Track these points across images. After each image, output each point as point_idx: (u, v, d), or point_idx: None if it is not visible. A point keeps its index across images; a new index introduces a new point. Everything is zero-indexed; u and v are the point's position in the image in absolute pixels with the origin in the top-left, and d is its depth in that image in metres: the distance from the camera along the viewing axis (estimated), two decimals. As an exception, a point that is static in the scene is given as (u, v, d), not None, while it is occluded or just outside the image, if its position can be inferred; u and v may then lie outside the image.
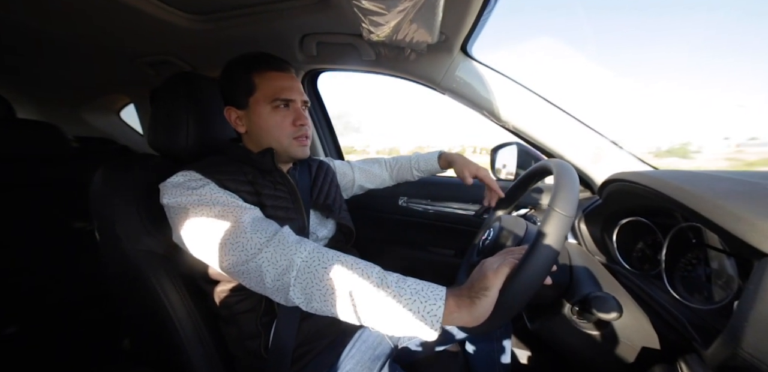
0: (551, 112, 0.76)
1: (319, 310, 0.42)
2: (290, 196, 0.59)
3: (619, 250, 0.58)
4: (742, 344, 0.26)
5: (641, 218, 0.54)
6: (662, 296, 0.42)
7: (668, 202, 0.37)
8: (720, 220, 0.30)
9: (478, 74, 0.77)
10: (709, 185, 0.35)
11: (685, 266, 0.43)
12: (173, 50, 0.89)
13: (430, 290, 0.38)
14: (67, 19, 0.69)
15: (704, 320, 0.35)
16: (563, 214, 0.35)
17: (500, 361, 0.75)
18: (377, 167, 0.88)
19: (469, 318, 0.36)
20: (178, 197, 0.48)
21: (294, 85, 0.58)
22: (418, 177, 0.87)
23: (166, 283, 0.53)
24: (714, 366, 0.29)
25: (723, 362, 0.28)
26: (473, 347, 0.76)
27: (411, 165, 0.85)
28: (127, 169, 0.56)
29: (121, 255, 0.52)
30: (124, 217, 0.52)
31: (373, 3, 0.45)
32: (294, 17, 0.69)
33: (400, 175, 0.88)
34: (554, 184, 0.39)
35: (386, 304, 0.38)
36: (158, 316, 0.52)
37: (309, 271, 0.41)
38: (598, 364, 0.41)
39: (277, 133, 0.58)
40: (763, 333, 0.25)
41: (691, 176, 0.40)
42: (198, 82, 0.64)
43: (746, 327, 0.26)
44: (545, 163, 0.50)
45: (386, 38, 0.64)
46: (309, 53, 0.84)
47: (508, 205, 0.68)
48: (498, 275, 0.37)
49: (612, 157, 0.72)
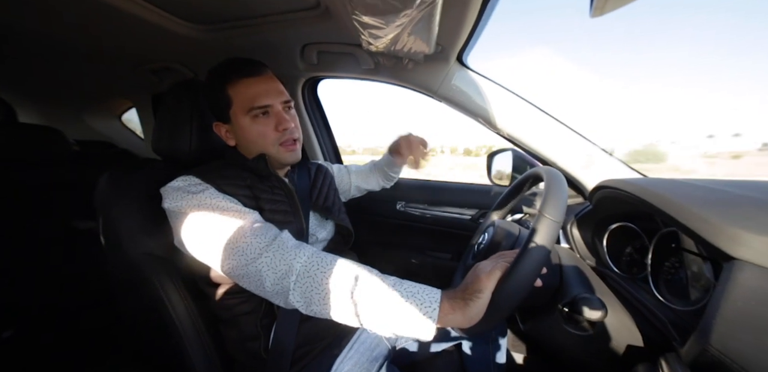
0: (544, 121, 0.78)
1: (318, 313, 0.43)
2: (288, 200, 0.60)
3: (609, 254, 0.60)
4: (711, 341, 0.28)
5: (629, 223, 0.56)
6: (647, 298, 0.44)
7: (650, 209, 0.39)
8: (693, 225, 0.32)
9: (473, 83, 0.79)
10: (686, 193, 0.37)
11: (668, 270, 0.46)
12: (176, 58, 0.91)
13: (426, 293, 0.40)
14: (71, 26, 0.71)
15: (683, 320, 0.37)
16: (551, 220, 0.37)
17: (496, 361, 0.77)
18: (371, 169, 0.91)
19: (462, 319, 0.38)
20: (178, 201, 0.49)
21: (270, 87, 0.56)
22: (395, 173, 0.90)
23: (168, 285, 0.54)
24: (688, 362, 0.31)
25: (695, 358, 0.30)
26: (470, 348, 0.77)
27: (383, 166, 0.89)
28: (132, 173, 0.58)
29: (124, 257, 0.53)
30: (127, 220, 0.53)
31: (372, 18, 0.47)
32: (296, 28, 0.71)
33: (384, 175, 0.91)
34: (544, 191, 0.41)
35: (384, 307, 0.39)
36: (160, 317, 0.53)
37: (308, 275, 0.42)
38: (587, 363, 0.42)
39: (262, 143, 0.57)
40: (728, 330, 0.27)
41: (672, 184, 0.42)
42: (201, 90, 0.66)
43: (714, 325, 0.28)
44: (537, 170, 0.52)
45: (385, 49, 0.66)
46: (310, 61, 0.86)
47: (503, 209, 0.70)
48: (491, 278, 0.39)
49: (602, 163, 0.75)
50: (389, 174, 0.90)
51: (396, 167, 0.89)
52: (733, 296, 0.28)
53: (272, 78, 0.58)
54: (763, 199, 0.33)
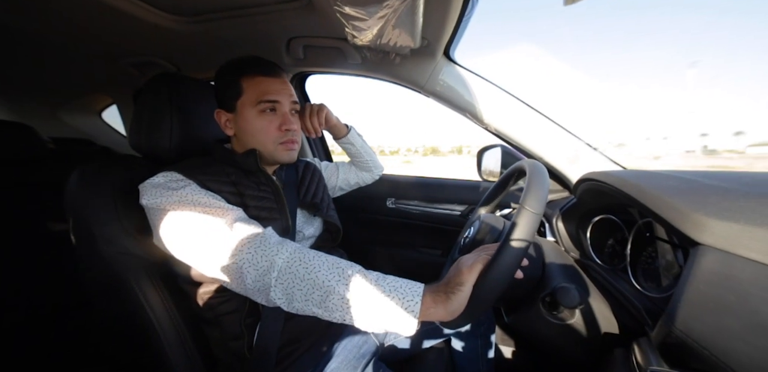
0: (531, 116, 0.79)
1: (300, 310, 0.42)
2: (274, 197, 0.60)
3: (593, 246, 0.61)
4: (676, 323, 0.29)
5: (611, 216, 0.57)
6: (626, 287, 0.44)
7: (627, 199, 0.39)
8: (664, 213, 0.33)
9: (461, 78, 0.79)
10: (661, 183, 0.38)
11: (645, 259, 0.47)
12: (158, 51, 0.88)
13: (408, 287, 0.40)
14: (45, 17, 0.68)
15: (656, 306, 0.38)
16: (531, 212, 0.37)
17: (485, 356, 0.77)
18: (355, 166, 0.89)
19: (444, 312, 0.38)
20: (157, 198, 0.48)
21: (282, 88, 0.58)
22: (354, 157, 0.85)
23: (146, 285, 0.52)
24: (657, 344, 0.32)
25: (662, 340, 0.31)
26: (459, 344, 0.77)
27: None
28: (106, 169, 0.56)
29: (98, 258, 0.51)
30: (101, 218, 0.51)
31: (354, 9, 0.46)
32: (280, 20, 0.70)
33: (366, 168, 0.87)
34: (525, 183, 0.41)
35: (366, 302, 0.39)
36: (138, 319, 0.51)
37: (290, 271, 0.42)
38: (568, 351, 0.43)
39: (262, 138, 0.57)
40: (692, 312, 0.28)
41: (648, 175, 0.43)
42: (182, 83, 0.64)
43: (679, 308, 0.29)
44: (520, 163, 0.52)
45: (370, 43, 0.66)
46: (296, 56, 0.85)
47: (490, 203, 0.70)
48: (472, 271, 0.39)
49: (587, 158, 0.76)
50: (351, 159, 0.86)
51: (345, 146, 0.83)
52: (697, 280, 0.29)
53: (287, 82, 0.60)
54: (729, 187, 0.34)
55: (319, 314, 0.41)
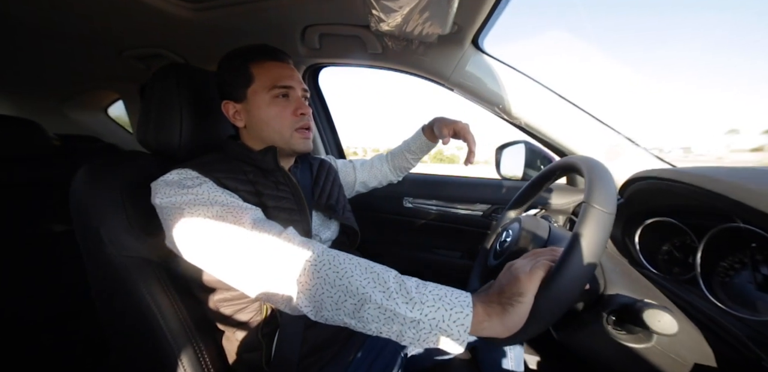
0: (565, 109, 0.73)
1: (329, 320, 0.37)
2: (293, 197, 0.55)
3: (642, 252, 0.55)
4: None
5: (669, 218, 0.51)
6: (703, 304, 0.38)
7: (720, 202, 0.33)
8: None
9: (489, 69, 0.74)
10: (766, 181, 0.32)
11: (725, 271, 0.41)
12: (165, 42, 0.83)
13: (455, 296, 0.34)
14: (49, 9, 0.64)
15: (764, 334, 0.32)
16: (603, 211, 0.31)
17: (513, 368, 0.72)
18: (377, 161, 0.83)
19: (501, 327, 0.32)
20: (171, 197, 0.43)
21: (293, 74, 0.56)
22: (414, 160, 0.80)
23: (157, 291, 0.48)
24: None
25: None
26: (485, 354, 0.72)
27: (403, 150, 0.79)
28: (114, 167, 0.51)
29: (106, 262, 0.47)
30: (109, 220, 0.47)
31: (388, -15, 0.41)
32: (296, 6, 0.65)
33: (398, 164, 0.81)
34: (587, 180, 0.36)
35: (406, 313, 0.33)
36: (148, 327, 0.47)
37: (318, 276, 0.37)
38: None
39: (277, 125, 0.54)
40: None
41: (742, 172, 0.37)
42: (192, 74, 0.60)
43: None
44: (569, 159, 0.46)
45: (396, 28, 0.60)
46: (311, 46, 0.79)
47: (522, 205, 0.65)
48: (532, 279, 0.33)
49: (629, 154, 0.70)
50: (408, 160, 0.80)
51: (424, 149, 0.78)
52: None
53: (295, 69, 0.58)
54: None
55: (352, 325, 0.36)
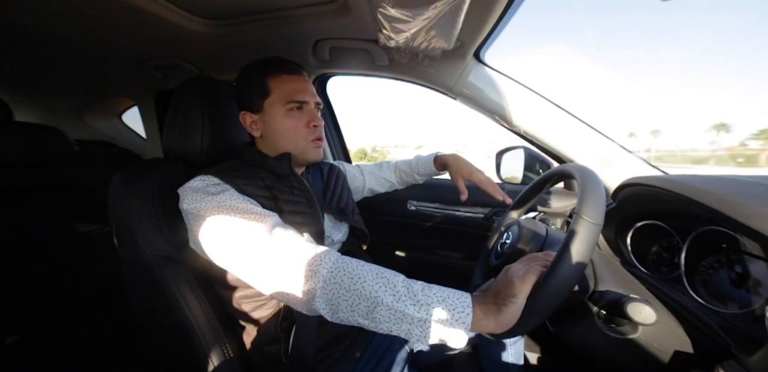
0: (561, 117, 0.77)
1: (345, 320, 0.41)
2: (307, 201, 0.59)
3: (634, 253, 0.59)
4: None
5: (657, 221, 0.55)
6: (685, 300, 0.42)
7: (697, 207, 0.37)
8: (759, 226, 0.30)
9: (490, 80, 0.78)
10: (741, 190, 0.36)
11: (705, 270, 0.44)
12: (183, 54, 0.88)
13: (457, 297, 0.39)
14: (73, 20, 0.68)
15: (734, 325, 0.36)
16: (592, 222, 0.35)
17: (514, 362, 0.76)
18: (386, 171, 0.88)
19: (495, 325, 0.37)
20: (197, 203, 0.48)
21: (307, 87, 0.59)
22: (421, 180, 0.87)
23: (185, 288, 0.52)
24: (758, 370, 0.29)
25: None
26: (487, 349, 0.76)
27: (412, 169, 0.85)
28: (145, 173, 0.56)
29: (138, 260, 0.51)
30: (142, 221, 0.51)
31: (399, 10, 0.45)
32: (310, 23, 0.69)
33: (405, 180, 0.88)
34: (580, 191, 0.40)
35: (414, 313, 0.38)
36: (177, 321, 0.51)
37: (334, 281, 0.41)
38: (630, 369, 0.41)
39: (292, 136, 0.58)
40: None
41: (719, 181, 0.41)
42: (213, 86, 0.64)
43: None
44: (566, 167, 0.50)
45: (403, 44, 0.65)
46: (322, 58, 0.84)
47: (523, 206, 0.69)
48: (525, 282, 0.37)
49: (622, 161, 0.74)
50: (416, 179, 0.86)
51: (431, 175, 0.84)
52: None
53: (309, 81, 0.61)
54: None
55: (365, 325, 0.40)
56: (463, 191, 0.74)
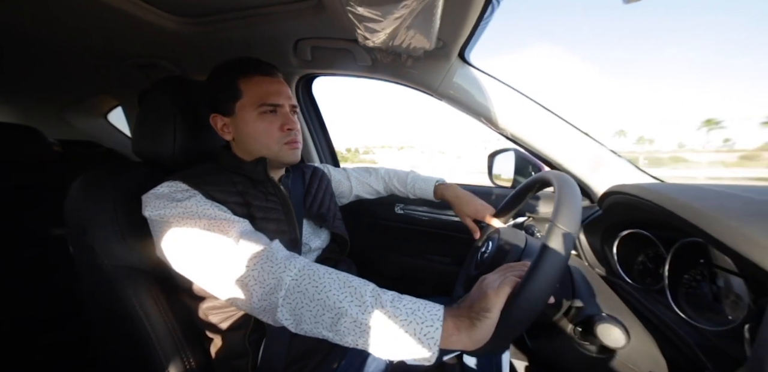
0: (549, 120, 0.75)
1: (309, 332, 0.39)
2: (282, 208, 0.57)
3: (620, 262, 0.57)
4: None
5: (642, 231, 0.53)
6: (666, 314, 0.40)
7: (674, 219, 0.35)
8: (732, 242, 0.29)
9: (475, 81, 0.76)
10: (720, 203, 0.34)
11: (689, 282, 0.42)
12: (163, 53, 0.86)
13: (427, 310, 0.36)
14: (50, 19, 0.66)
15: (713, 343, 0.34)
16: (566, 231, 0.33)
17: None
18: (373, 179, 0.86)
19: (468, 341, 0.34)
20: (160, 209, 0.45)
21: (281, 89, 0.56)
22: (407, 196, 0.85)
23: (146, 300, 0.50)
24: None
25: None
26: (471, 360, 0.74)
27: (407, 186, 0.83)
28: (109, 178, 0.53)
29: (97, 270, 0.49)
30: (101, 230, 0.49)
31: (367, 9, 0.43)
32: (288, 21, 0.67)
33: (391, 190, 0.87)
34: (556, 199, 0.38)
35: (380, 326, 0.36)
36: (135, 334, 0.49)
37: (299, 290, 0.39)
38: None
39: (265, 140, 0.55)
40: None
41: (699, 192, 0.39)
42: (187, 87, 0.62)
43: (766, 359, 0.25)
44: (544, 175, 0.48)
45: (382, 44, 0.62)
46: (303, 58, 0.82)
47: (506, 214, 0.67)
48: (499, 295, 0.35)
49: (611, 166, 0.71)
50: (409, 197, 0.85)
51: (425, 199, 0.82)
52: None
53: (284, 82, 0.59)
54: None
55: (330, 338, 0.38)
56: (475, 230, 0.70)
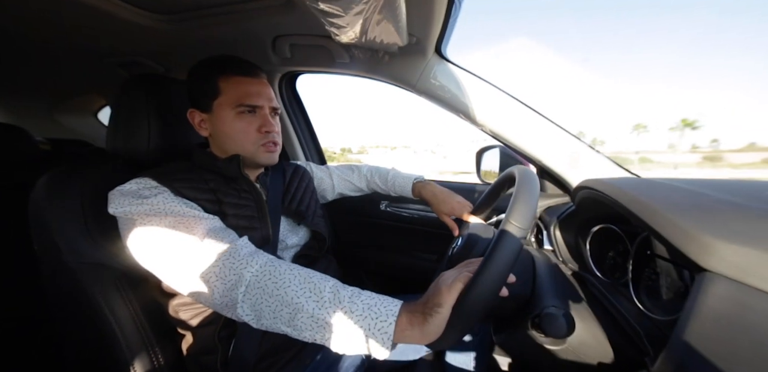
0: (528, 116, 0.75)
1: (269, 328, 0.40)
2: (255, 205, 0.57)
3: (593, 257, 0.57)
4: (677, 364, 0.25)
5: (612, 226, 0.53)
6: (627, 307, 0.40)
7: (624, 211, 0.35)
8: (665, 232, 0.29)
9: (453, 77, 0.75)
10: (664, 196, 0.34)
11: (650, 276, 0.42)
12: (141, 51, 0.86)
13: (384, 305, 0.37)
14: (29, 16, 0.66)
15: (659, 331, 0.34)
16: (516, 226, 0.34)
17: (478, 369, 0.73)
18: (356, 177, 0.86)
19: (420, 336, 0.35)
20: (126, 207, 0.46)
21: (262, 90, 0.56)
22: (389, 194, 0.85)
23: (113, 298, 0.50)
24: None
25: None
26: (451, 355, 0.74)
27: (388, 187, 0.83)
28: (77, 174, 0.53)
29: (62, 270, 0.49)
30: (66, 227, 0.49)
31: (327, 5, 0.43)
32: (263, 18, 0.67)
33: (373, 188, 0.87)
34: (513, 195, 0.38)
35: (335, 322, 0.36)
36: (102, 333, 0.49)
37: (258, 286, 0.39)
38: None
39: (241, 140, 0.55)
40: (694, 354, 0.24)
41: (651, 186, 0.39)
42: (161, 84, 0.62)
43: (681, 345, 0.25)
44: (511, 170, 0.48)
45: (355, 40, 0.62)
46: (283, 55, 0.81)
47: (482, 211, 0.66)
48: (451, 291, 0.35)
49: (589, 161, 0.71)
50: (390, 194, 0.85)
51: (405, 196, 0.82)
52: (702, 315, 0.24)
53: (266, 84, 0.58)
54: (743, 204, 0.30)
55: (289, 333, 0.39)
56: (453, 227, 0.70)
